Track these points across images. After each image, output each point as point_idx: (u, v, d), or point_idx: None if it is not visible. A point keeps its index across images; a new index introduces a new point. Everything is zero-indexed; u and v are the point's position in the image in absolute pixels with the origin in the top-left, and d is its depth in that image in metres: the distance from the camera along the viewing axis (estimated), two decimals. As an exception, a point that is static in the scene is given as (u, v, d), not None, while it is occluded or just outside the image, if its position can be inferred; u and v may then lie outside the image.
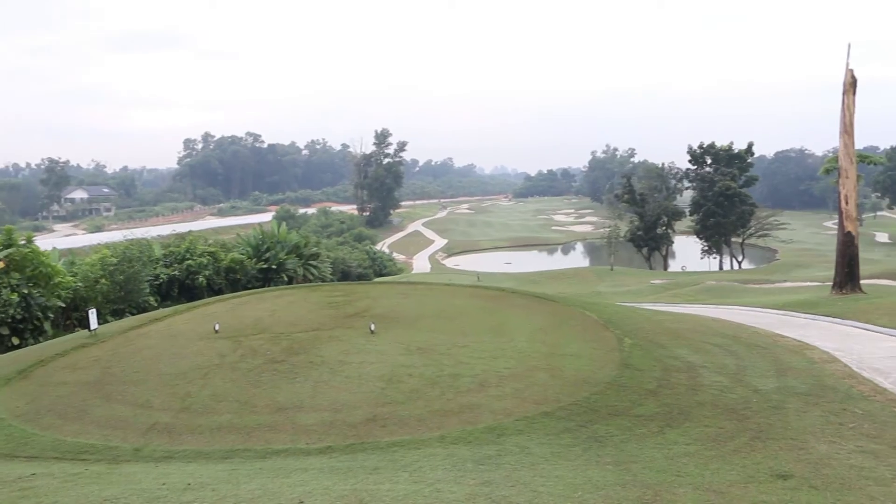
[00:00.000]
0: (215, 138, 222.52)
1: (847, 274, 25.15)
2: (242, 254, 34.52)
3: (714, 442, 8.31)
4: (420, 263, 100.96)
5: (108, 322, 20.90)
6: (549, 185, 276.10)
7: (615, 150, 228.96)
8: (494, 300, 17.88)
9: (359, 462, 7.82)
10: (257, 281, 33.35)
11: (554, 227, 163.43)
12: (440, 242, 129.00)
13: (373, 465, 7.62)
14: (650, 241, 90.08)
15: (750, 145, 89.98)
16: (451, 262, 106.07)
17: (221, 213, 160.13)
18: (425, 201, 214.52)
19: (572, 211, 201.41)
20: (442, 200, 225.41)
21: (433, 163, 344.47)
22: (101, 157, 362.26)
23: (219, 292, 29.06)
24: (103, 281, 25.42)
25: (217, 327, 14.43)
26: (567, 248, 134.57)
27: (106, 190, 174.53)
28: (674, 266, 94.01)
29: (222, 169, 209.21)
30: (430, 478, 7.04)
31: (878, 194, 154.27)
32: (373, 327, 13.91)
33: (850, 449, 8.03)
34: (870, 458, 7.69)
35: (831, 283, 26.74)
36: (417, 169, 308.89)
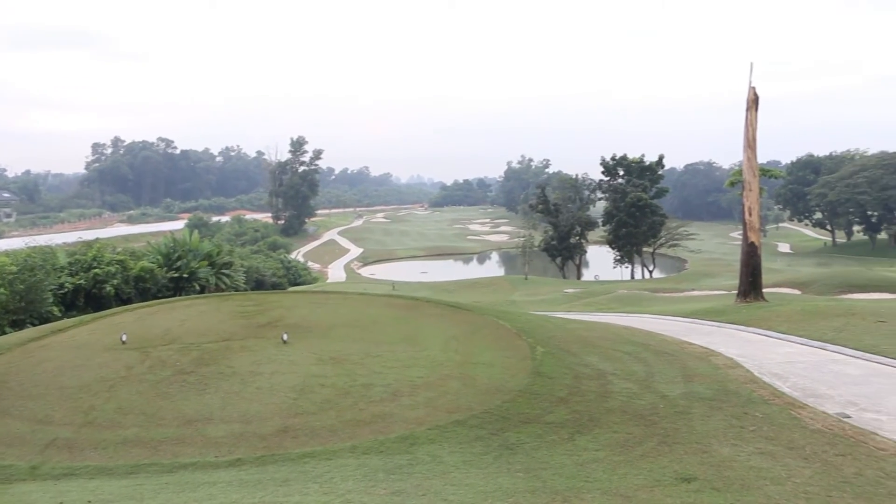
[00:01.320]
0: (125, 143, 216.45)
1: (750, 283, 26.02)
2: (153, 262, 33.64)
3: (622, 447, 8.47)
4: (335, 272, 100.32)
5: (6, 333, 20.10)
6: (465, 195, 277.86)
7: (530, 160, 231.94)
8: (409, 309, 17.88)
9: (269, 474, 7.70)
10: (168, 290, 32.58)
11: (469, 237, 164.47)
12: (356, 251, 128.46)
13: (283, 478, 7.52)
14: (564, 251, 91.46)
15: (661, 158, 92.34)
16: (366, 272, 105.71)
17: (131, 221, 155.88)
18: (341, 210, 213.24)
19: (488, 220, 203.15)
20: (358, 209, 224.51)
21: (349, 171, 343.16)
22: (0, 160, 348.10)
23: (127, 302, 28.28)
24: (1, 290, 24.42)
25: (124, 338, 14.03)
26: (482, 258, 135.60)
27: (6, 195, 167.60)
28: (587, 275, 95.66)
29: (133, 175, 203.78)
30: (341, 489, 7.00)
31: (781, 206, 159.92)
32: (285, 337, 13.74)
33: (750, 451, 8.31)
34: (768, 459, 7.97)
35: (736, 292, 27.62)
36: (333, 177, 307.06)
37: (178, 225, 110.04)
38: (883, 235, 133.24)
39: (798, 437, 8.96)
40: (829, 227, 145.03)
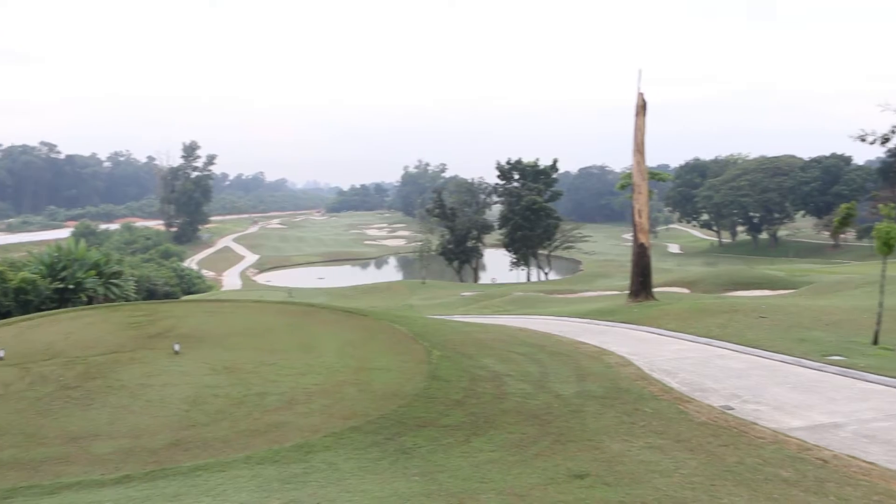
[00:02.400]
0: (3, 147, 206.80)
1: (641, 283, 26.80)
2: (35, 273, 32.19)
3: (517, 447, 8.59)
4: (230, 280, 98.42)
5: None
6: (362, 200, 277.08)
7: (427, 165, 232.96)
8: (304, 316, 17.67)
9: (158, 490, 7.48)
10: (52, 302, 31.22)
11: (367, 242, 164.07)
12: (251, 258, 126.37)
13: (173, 492, 7.32)
14: (461, 255, 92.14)
15: (555, 161, 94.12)
16: (262, 279, 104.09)
17: (11, 229, 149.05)
18: (236, 216, 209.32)
19: (385, 225, 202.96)
20: (253, 215, 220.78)
21: (244, 177, 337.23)
22: None
23: (7, 315, 26.99)
24: None
25: (1, 354, 13.39)
26: (380, 263, 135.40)
27: None
28: (484, 278, 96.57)
29: (12, 181, 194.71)
30: (234, 500, 6.86)
31: (670, 208, 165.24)
32: (177, 348, 13.37)
33: (640, 446, 8.56)
34: (657, 453, 8.23)
35: (628, 292, 28.40)
36: (227, 183, 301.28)
37: (64, 233, 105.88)
38: (764, 235, 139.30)
39: (685, 430, 9.29)
40: (715, 228, 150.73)
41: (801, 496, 6.88)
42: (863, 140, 17.02)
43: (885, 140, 16.61)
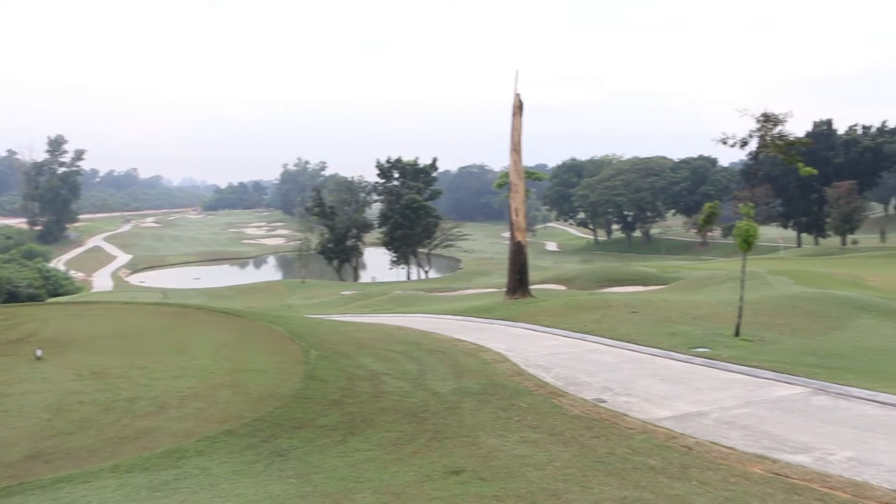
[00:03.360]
0: None
1: (518, 280, 27.28)
2: None
3: (394, 445, 8.59)
4: (101, 281, 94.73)
5: None
6: (240, 198, 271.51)
7: (307, 163, 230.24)
8: (178, 317, 17.18)
9: (15, 505, 7.09)
10: None
11: (245, 241, 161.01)
12: (124, 258, 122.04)
13: (32, 506, 6.96)
14: (340, 253, 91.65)
15: (434, 160, 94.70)
16: (135, 279, 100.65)
17: None
18: (107, 214, 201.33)
19: (264, 224, 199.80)
20: (126, 213, 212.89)
21: (116, 173, 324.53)
22: None
23: None
24: None
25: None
26: (259, 262, 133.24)
27: None
28: (364, 277, 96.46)
29: None
30: (99, 511, 6.59)
31: (548, 207, 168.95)
32: (39, 353, 12.74)
33: (515, 440, 8.70)
34: (531, 447, 8.39)
35: (505, 289, 28.85)
36: (98, 179, 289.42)
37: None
38: (637, 233, 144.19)
39: (559, 423, 9.50)
40: (591, 226, 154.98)
41: (666, 482, 7.15)
42: (724, 143, 17.83)
43: (744, 143, 17.46)
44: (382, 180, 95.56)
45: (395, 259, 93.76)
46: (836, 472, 7.49)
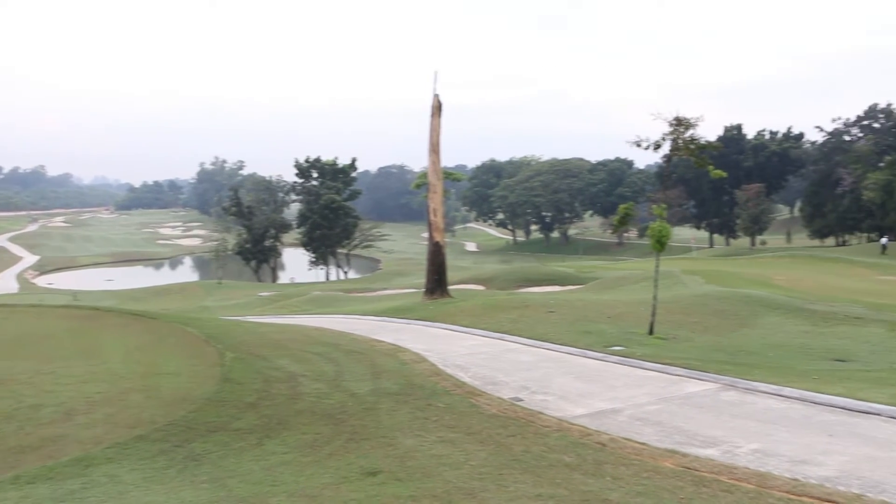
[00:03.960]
0: None
1: (436, 280, 27.36)
2: None
3: (311, 448, 8.50)
4: (6, 283, 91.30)
5: None
6: (155, 198, 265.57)
7: (224, 162, 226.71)
8: (87, 320, 16.69)
9: None
10: None
11: (160, 241, 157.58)
12: (30, 259, 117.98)
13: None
14: (258, 254, 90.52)
15: (353, 160, 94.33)
16: (43, 281, 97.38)
17: None
18: (12, 213, 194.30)
19: (180, 224, 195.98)
20: (32, 212, 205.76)
21: (21, 170, 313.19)
22: None
23: None
24: None
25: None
26: (175, 263, 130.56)
27: None
28: (283, 278, 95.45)
29: None
30: (-1, 524, 6.35)
31: (467, 208, 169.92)
32: (-62, 358, 12.22)
33: (432, 440, 8.71)
34: (448, 446, 8.41)
35: (424, 290, 28.90)
36: (2, 177, 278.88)
37: None
38: (556, 234, 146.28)
39: (476, 422, 9.55)
40: (510, 226, 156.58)
41: (580, 478, 7.26)
42: (638, 145, 18.25)
43: (657, 146, 17.90)
44: (301, 180, 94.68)
45: (314, 260, 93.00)
46: (742, 464, 7.72)
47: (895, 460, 7.91)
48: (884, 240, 67.30)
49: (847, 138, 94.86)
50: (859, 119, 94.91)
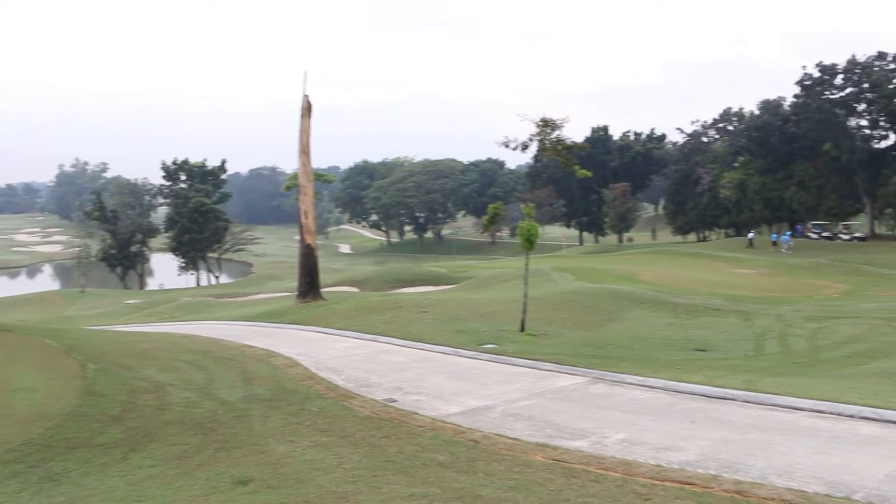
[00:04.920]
0: None
1: (309, 283, 27.07)
2: None
3: (179, 459, 8.25)
4: None
5: None
6: (9, 202, 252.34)
7: (86, 164, 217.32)
8: (-67, 335, 15.62)
9: None
10: None
11: (16, 248, 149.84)
12: None
13: None
14: (124, 260, 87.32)
15: (223, 162, 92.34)
16: None
17: None
18: None
19: (38, 230, 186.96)
20: None
21: None
22: None
23: None
24: None
25: None
26: (33, 271, 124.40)
27: None
28: (151, 284, 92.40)
29: None
30: None
31: (341, 209, 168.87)
32: None
33: (305, 445, 8.61)
34: (321, 451, 8.34)
35: (297, 293, 28.54)
36: None
37: None
38: (430, 234, 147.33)
39: (349, 425, 9.50)
40: (384, 228, 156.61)
41: (453, 476, 7.33)
42: (506, 146, 18.61)
43: (525, 147, 18.31)
44: (169, 183, 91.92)
45: (183, 265, 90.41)
46: (610, 454, 7.99)
47: (748, 442, 8.35)
48: (751, 234, 71.55)
49: (705, 140, 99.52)
50: (715, 122, 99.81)
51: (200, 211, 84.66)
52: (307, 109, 27.91)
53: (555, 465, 7.64)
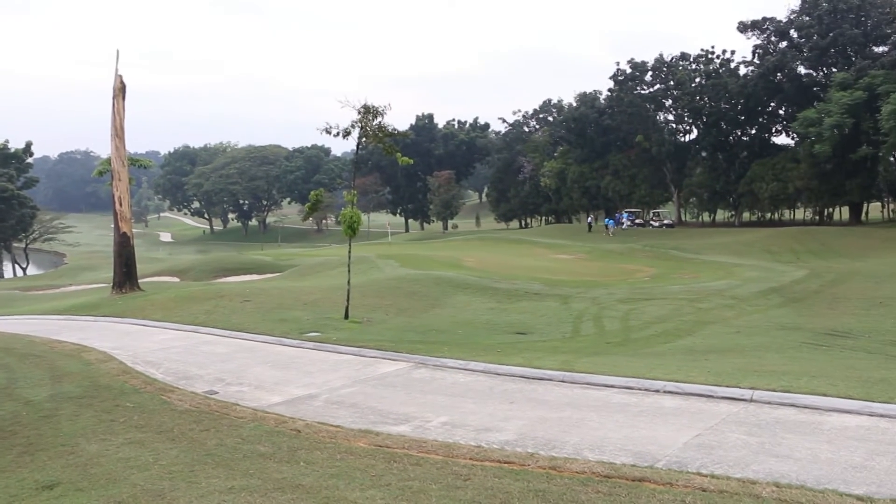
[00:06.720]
0: None
1: (125, 274, 25.93)
2: None
3: (-25, 466, 7.72)
4: None
5: None
6: None
7: None
8: None
9: None
10: None
11: None
12: None
13: None
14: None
15: (28, 145, 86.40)
16: None
17: None
18: None
19: None
20: None
21: None
22: None
23: None
24: None
25: None
26: None
27: None
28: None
29: None
30: None
31: (161, 196, 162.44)
32: None
33: (119, 443, 8.26)
34: (137, 448, 8.03)
35: (112, 284, 27.29)
36: None
37: None
38: (254, 222, 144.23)
39: (167, 420, 9.21)
40: (206, 215, 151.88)
41: (274, 467, 7.25)
42: (328, 132, 18.46)
43: (347, 134, 18.23)
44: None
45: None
46: (432, 438, 8.15)
47: (563, 420, 8.75)
48: (589, 218, 75.00)
49: (526, 129, 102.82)
50: (536, 112, 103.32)
51: (3, 197, 78.85)
52: (120, 90, 26.66)
53: (377, 451, 7.71)
